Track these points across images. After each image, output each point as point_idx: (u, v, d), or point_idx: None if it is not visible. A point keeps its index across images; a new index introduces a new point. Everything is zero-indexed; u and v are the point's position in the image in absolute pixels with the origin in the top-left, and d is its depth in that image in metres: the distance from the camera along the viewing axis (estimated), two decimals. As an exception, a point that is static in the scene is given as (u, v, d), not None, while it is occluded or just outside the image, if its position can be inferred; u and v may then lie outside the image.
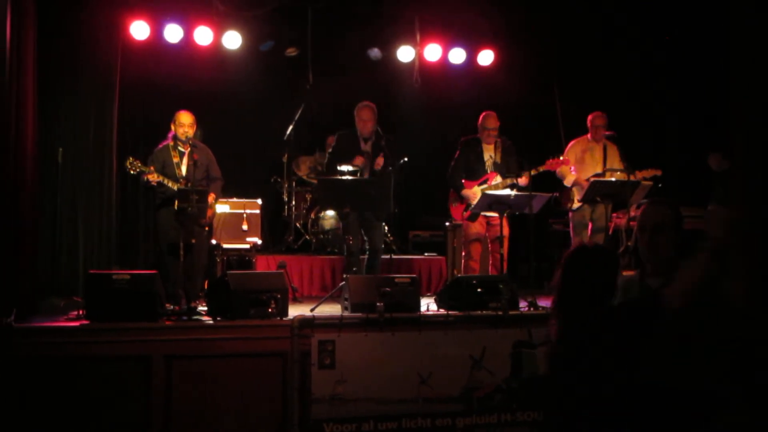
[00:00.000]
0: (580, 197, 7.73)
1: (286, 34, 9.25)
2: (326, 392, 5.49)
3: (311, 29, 8.90)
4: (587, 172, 7.86)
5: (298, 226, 9.34)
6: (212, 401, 5.46)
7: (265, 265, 8.20)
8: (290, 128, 9.25)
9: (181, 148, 7.09)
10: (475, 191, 7.57)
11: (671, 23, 8.95)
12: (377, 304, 5.71)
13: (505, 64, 9.60)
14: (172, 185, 6.86)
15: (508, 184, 7.52)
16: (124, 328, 5.41)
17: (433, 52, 9.44)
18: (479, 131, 7.76)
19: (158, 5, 8.38)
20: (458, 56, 9.56)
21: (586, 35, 9.23)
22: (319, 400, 5.48)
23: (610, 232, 7.80)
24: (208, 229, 7.26)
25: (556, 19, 9.03)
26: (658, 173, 7.61)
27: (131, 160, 6.86)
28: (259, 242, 8.20)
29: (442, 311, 6.13)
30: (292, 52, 9.41)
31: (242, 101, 9.34)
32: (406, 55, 9.40)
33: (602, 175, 7.78)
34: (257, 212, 8.25)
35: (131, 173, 6.91)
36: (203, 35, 8.58)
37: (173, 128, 7.08)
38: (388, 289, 5.84)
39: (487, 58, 9.60)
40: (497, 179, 7.60)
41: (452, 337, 5.80)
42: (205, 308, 6.19)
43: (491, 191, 7.32)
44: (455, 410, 5.74)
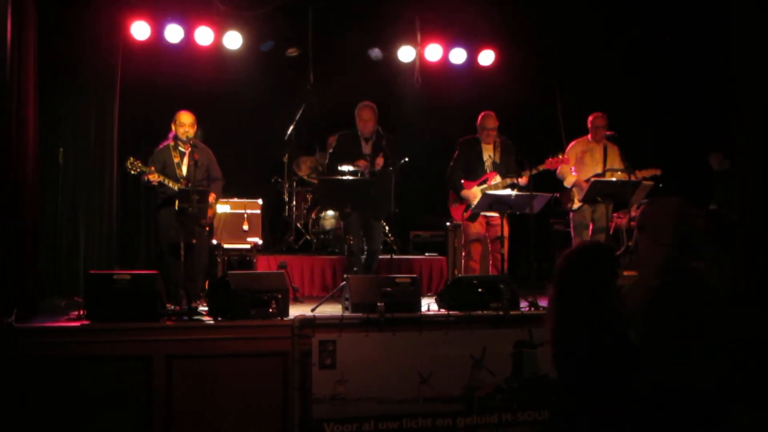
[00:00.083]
0: (580, 197, 7.73)
1: (286, 34, 9.25)
2: (327, 392, 5.50)
3: (312, 29, 8.89)
4: (587, 172, 7.85)
5: (298, 226, 9.34)
6: (213, 401, 5.47)
7: (265, 265, 8.20)
8: (291, 128, 9.25)
9: (181, 148, 7.09)
10: (474, 191, 7.56)
11: (671, 23, 8.95)
12: (378, 304, 5.71)
13: (505, 64, 9.61)
14: (172, 185, 6.86)
15: (507, 183, 7.51)
16: (124, 328, 5.42)
17: (433, 52, 9.45)
18: (478, 131, 7.75)
19: (159, 5, 8.38)
20: (459, 56, 9.56)
21: (586, 35, 9.23)
22: (319, 399, 5.49)
23: (610, 232, 7.80)
24: (208, 229, 7.26)
25: (556, 19, 9.03)
26: (657, 173, 7.62)
27: (132, 160, 6.86)
28: (259, 242, 8.20)
29: (442, 311, 6.13)
30: (292, 52, 9.41)
31: (243, 101, 9.34)
32: (406, 55, 9.40)
33: (602, 175, 7.77)
34: (258, 212, 8.25)
35: (132, 173, 6.91)
36: (204, 35, 8.60)
37: (174, 128, 7.08)
38: (388, 289, 5.85)
39: (487, 58, 9.61)
40: (497, 179, 7.60)
41: (453, 337, 5.81)
42: (205, 308, 6.18)
43: (492, 191, 7.32)
44: (456, 410, 5.75)
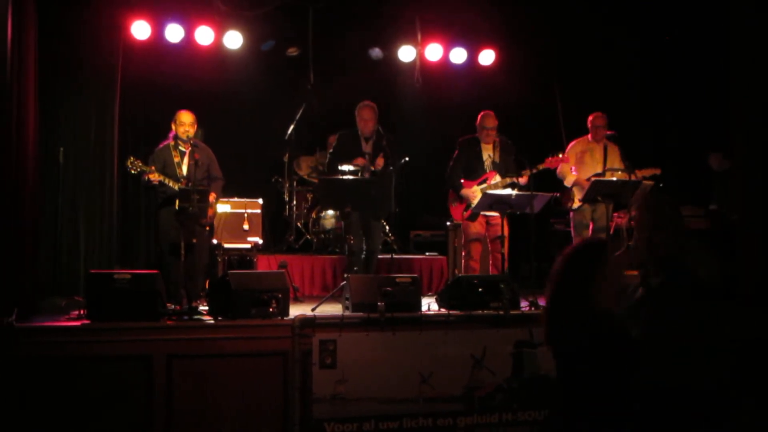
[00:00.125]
0: (581, 197, 7.73)
1: (287, 33, 9.25)
2: (327, 392, 5.50)
3: (312, 29, 8.88)
4: (587, 172, 7.85)
5: (299, 225, 9.34)
6: (213, 401, 5.46)
7: (266, 264, 8.20)
8: (291, 128, 9.24)
9: (182, 147, 7.09)
10: (474, 191, 7.57)
11: (671, 23, 8.94)
12: (378, 303, 5.71)
13: (506, 63, 9.60)
14: (173, 185, 6.86)
15: (507, 183, 7.52)
16: (125, 327, 5.41)
17: (434, 51, 9.44)
18: (478, 131, 7.76)
19: (159, 5, 8.38)
20: (459, 56, 9.55)
21: (586, 35, 9.23)
22: (320, 399, 5.49)
23: (611, 231, 7.80)
24: (209, 228, 7.26)
25: (556, 19, 9.03)
26: (657, 172, 7.61)
27: (132, 159, 6.86)
28: (260, 242, 8.20)
29: (443, 311, 6.14)
30: (293, 51, 9.41)
31: (243, 101, 9.34)
32: (407, 54, 9.40)
33: (602, 174, 7.77)
34: (258, 212, 8.25)
35: (132, 173, 6.91)
36: (204, 35, 8.59)
37: (174, 128, 7.08)
38: (389, 288, 5.85)
39: (488, 57, 9.60)
40: (496, 178, 7.60)
41: (453, 336, 5.81)
42: (206, 308, 6.19)
43: (492, 191, 7.32)
44: (456, 410, 5.74)
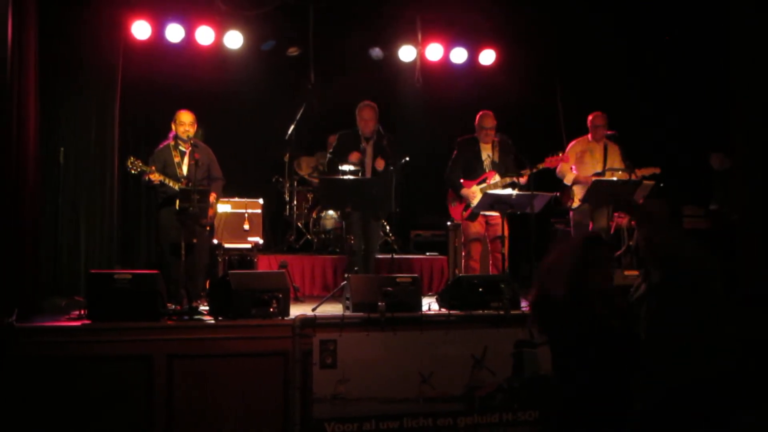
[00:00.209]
0: (581, 196, 7.72)
1: (287, 33, 9.24)
2: (328, 392, 5.50)
3: (313, 29, 8.87)
4: (587, 171, 7.85)
5: (299, 225, 9.34)
6: (214, 401, 5.47)
7: (266, 264, 8.20)
8: (292, 128, 9.24)
9: (182, 147, 7.09)
10: (473, 190, 7.57)
11: (671, 23, 8.94)
12: (379, 303, 5.72)
13: (506, 63, 9.59)
14: (173, 185, 6.86)
15: (507, 182, 7.52)
16: (125, 327, 5.42)
17: (434, 51, 9.43)
18: (476, 131, 7.76)
19: (160, 5, 8.37)
20: (460, 56, 9.54)
21: (587, 35, 9.21)
22: (320, 399, 5.49)
23: (611, 231, 7.80)
24: (209, 228, 7.27)
25: (557, 18, 9.02)
26: (656, 171, 7.59)
27: (132, 159, 6.86)
28: (260, 242, 8.19)
29: (443, 311, 6.14)
30: (293, 51, 9.40)
31: (244, 101, 9.33)
32: (407, 54, 9.39)
33: (602, 174, 7.77)
34: (259, 212, 8.24)
35: (132, 173, 6.92)
36: (205, 35, 8.59)
37: (174, 128, 7.08)
38: (389, 288, 5.85)
39: (488, 57, 9.59)
40: (496, 178, 7.60)
41: (454, 336, 5.81)
42: (206, 308, 6.19)
43: (492, 191, 7.32)
44: (457, 410, 5.75)
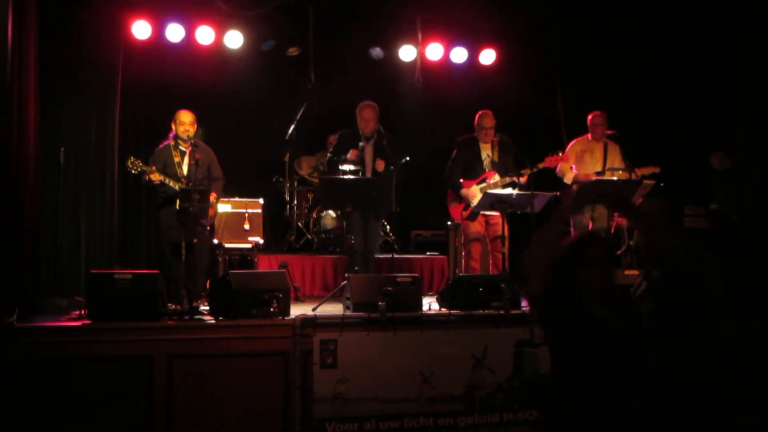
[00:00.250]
0: (580, 196, 7.71)
1: (287, 33, 9.24)
2: (328, 391, 5.51)
3: (313, 29, 8.87)
4: (587, 171, 7.85)
5: (299, 225, 9.33)
6: (214, 401, 5.47)
7: (267, 264, 8.19)
8: (292, 127, 9.24)
9: (182, 147, 7.10)
10: (473, 190, 7.57)
11: (671, 23, 8.93)
12: (379, 303, 5.73)
13: (507, 63, 9.58)
14: (173, 185, 6.87)
15: (507, 182, 7.52)
16: (125, 327, 5.42)
17: (434, 51, 9.42)
18: (476, 130, 7.77)
19: (160, 5, 8.37)
20: (460, 55, 9.53)
21: (587, 35, 9.21)
22: (321, 399, 5.49)
23: (611, 231, 7.79)
24: (209, 228, 7.27)
25: (557, 18, 9.01)
26: (656, 170, 7.58)
27: (132, 159, 6.87)
28: (260, 242, 8.19)
29: (443, 310, 6.15)
30: (293, 51, 9.39)
31: (244, 101, 9.33)
32: (407, 54, 9.38)
33: (602, 173, 7.77)
34: (259, 212, 8.24)
35: (133, 173, 6.92)
36: (205, 35, 8.58)
37: (174, 127, 7.09)
38: (390, 288, 5.86)
39: (488, 57, 9.58)
40: (495, 178, 7.60)
41: (454, 336, 5.81)
42: (207, 308, 6.19)
43: (493, 190, 7.32)
44: (457, 409, 5.75)
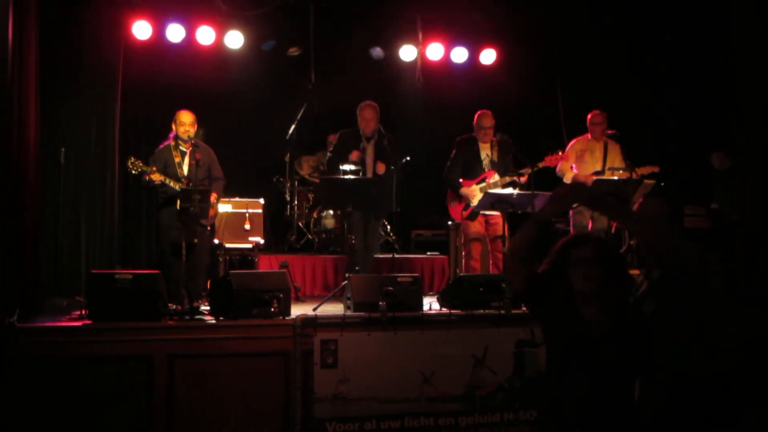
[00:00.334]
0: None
1: (288, 33, 9.24)
2: (329, 391, 5.50)
3: (313, 28, 8.88)
4: (587, 170, 7.85)
5: (300, 225, 9.34)
6: (215, 401, 5.47)
7: (267, 264, 8.20)
8: (292, 127, 9.24)
9: (182, 147, 7.10)
10: (473, 190, 7.58)
11: (672, 23, 8.93)
12: (380, 303, 5.72)
13: (507, 63, 9.59)
14: (174, 185, 6.87)
15: (506, 182, 7.52)
16: (126, 327, 5.42)
17: (435, 51, 9.43)
18: (475, 130, 7.78)
19: (160, 5, 8.38)
20: (460, 55, 9.54)
21: (587, 34, 9.21)
22: (321, 399, 5.49)
23: (612, 230, 7.78)
24: (210, 228, 7.27)
25: (557, 18, 9.01)
26: (655, 170, 7.58)
27: (133, 159, 6.87)
28: (261, 242, 8.19)
29: (444, 310, 6.14)
30: (294, 51, 9.40)
31: (244, 101, 9.33)
32: (408, 54, 9.38)
33: (602, 173, 7.77)
34: (260, 212, 8.23)
35: (133, 173, 6.93)
36: (205, 35, 8.59)
37: (174, 128, 7.09)
38: (390, 288, 5.85)
39: (489, 57, 9.58)
40: (495, 177, 7.61)
41: (455, 336, 5.80)
42: (207, 308, 6.18)
43: (493, 190, 7.32)
44: (458, 409, 5.74)
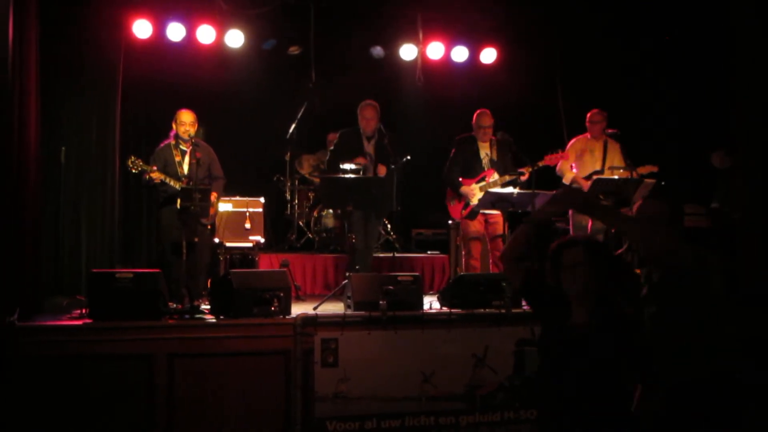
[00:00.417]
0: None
1: (288, 32, 9.24)
2: (329, 390, 5.51)
3: (314, 28, 8.88)
4: (587, 170, 7.85)
5: (300, 224, 9.34)
6: (215, 400, 5.47)
7: (268, 263, 8.20)
8: (293, 127, 9.25)
9: (182, 146, 7.10)
10: (473, 189, 7.58)
11: (672, 22, 8.92)
12: (380, 302, 5.72)
13: (507, 62, 9.58)
14: (174, 184, 6.87)
15: (506, 180, 7.52)
16: (127, 326, 5.43)
17: (435, 50, 9.42)
18: (474, 129, 7.78)
19: (160, 4, 8.37)
20: (461, 54, 9.53)
21: (588, 34, 9.20)
22: (322, 398, 5.49)
23: (612, 230, 7.77)
24: (210, 227, 7.28)
25: (558, 17, 9.00)
26: (654, 170, 7.57)
27: (133, 159, 6.88)
28: (261, 240, 8.19)
29: (444, 309, 6.14)
30: (294, 50, 9.39)
31: (245, 100, 9.33)
32: (408, 53, 9.37)
33: (601, 172, 7.77)
34: (260, 211, 8.23)
35: (133, 172, 6.93)
36: (206, 34, 8.58)
37: (174, 127, 7.10)
38: (391, 287, 5.85)
39: (489, 56, 9.57)
40: (494, 176, 7.61)
41: (455, 335, 5.81)
42: (208, 307, 6.19)
43: (494, 189, 7.32)
44: (458, 408, 5.75)
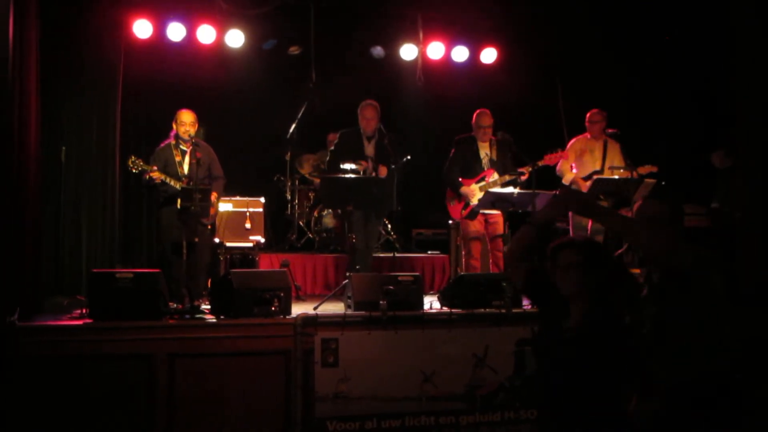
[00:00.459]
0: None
1: (288, 32, 9.24)
2: (329, 390, 5.51)
3: (314, 28, 8.88)
4: (586, 169, 7.85)
5: (301, 224, 9.34)
6: (215, 400, 5.47)
7: (268, 263, 8.20)
8: (293, 126, 9.25)
9: (183, 146, 7.11)
10: (473, 189, 7.58)
11: (672, 22, 8.91)
12: (380, 302, 5.72)
13: (508, 62, 9.58)
14: (174, 184, 6.88)
15: (506, 180, 7.52)
16: (127, 326, 5.42)
17: (436, 50, 9.42)
18: (474, 129, 7.79)
19: (161, 4, 8.38)
20: (461, 54, 9.54)
21: (588, 33, 9.20)
22: (322, 398, 5.49)
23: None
24: (210, 227, 7.28)
25: (558, 17, 9.00)
26: (654, 169, 7.57)
27: (133, 158, 6.88)
28: (262, 240, 8.19)
29: (445, 309, 6.14)
30: (294, 50, 9.40)
31: (245, 100, 9.34)
32: (408, 53, 9.37)
33: (601, 172, 7.77)
34: (260, 210, 8.23)
35: (133, 172, 6.93)
36: (206, 34, 8.59)
37: (175, 127, 7.10)
38: (391, 287, 5.85)
39: (490, 56, 9.58)
40: (494, 176, 7.61)
41: (455, 335, 5.81)
42: (208, 307, 6.19)
43: (494, 189, 7.32)
44: (458, 408, 5.75)
